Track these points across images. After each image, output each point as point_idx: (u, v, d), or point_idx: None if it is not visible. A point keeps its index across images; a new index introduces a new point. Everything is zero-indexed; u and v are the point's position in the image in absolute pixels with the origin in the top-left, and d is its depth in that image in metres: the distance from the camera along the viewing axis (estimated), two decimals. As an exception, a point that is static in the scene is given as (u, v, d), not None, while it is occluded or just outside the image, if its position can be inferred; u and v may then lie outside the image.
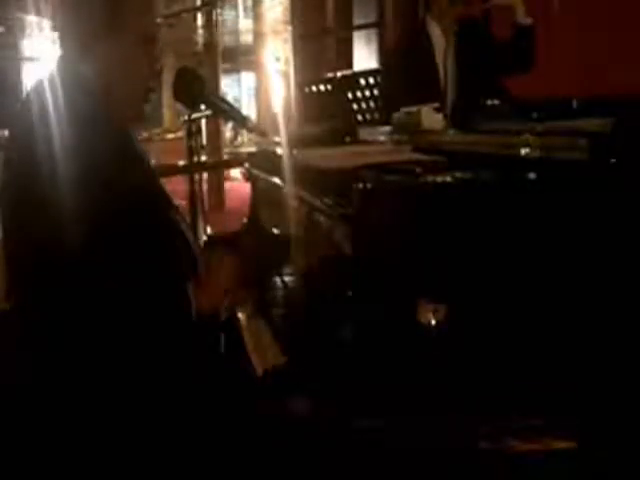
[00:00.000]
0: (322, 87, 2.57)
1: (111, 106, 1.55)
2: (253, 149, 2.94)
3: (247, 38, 14.91)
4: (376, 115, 2.40)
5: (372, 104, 2.42)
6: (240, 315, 1.71)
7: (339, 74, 2.62)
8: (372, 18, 6.35)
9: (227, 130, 14.28)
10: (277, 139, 2.38)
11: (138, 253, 1.45)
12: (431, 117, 2.09)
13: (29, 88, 1.55)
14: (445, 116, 2.13)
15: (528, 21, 3.08)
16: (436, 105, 2.15)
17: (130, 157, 1.57)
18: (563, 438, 1.16)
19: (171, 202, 1.70)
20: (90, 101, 1.51)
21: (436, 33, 3.24)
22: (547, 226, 1.31)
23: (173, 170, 5.18)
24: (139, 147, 1.65)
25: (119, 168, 1.46)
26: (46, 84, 1.52)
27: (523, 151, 1.49)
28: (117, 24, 1.53)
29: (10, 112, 1.56)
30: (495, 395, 1.22)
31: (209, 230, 2.33)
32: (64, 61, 1.56)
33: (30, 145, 1.43)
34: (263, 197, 2.50)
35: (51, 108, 1.45)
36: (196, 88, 1.86)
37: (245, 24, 14.85)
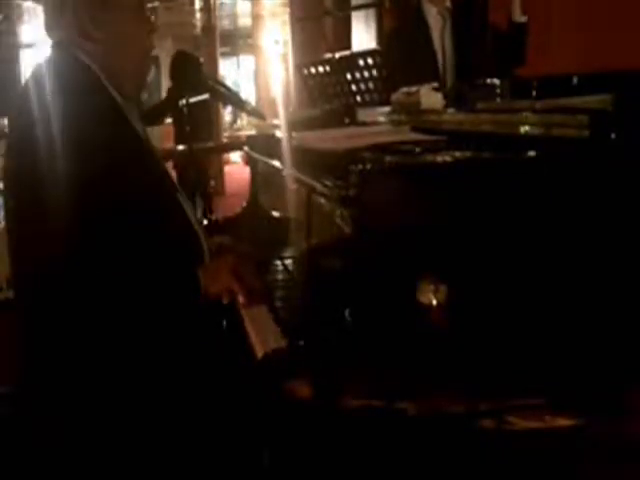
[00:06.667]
0: (321, 69, 2.56)
1: (112, 83, 1.55)
2: (252, 132, 2.93)
3: (245, 21, 14.83)
4: (375, 96, 2.39)
5: (371, 85, 2.40)
6: (240, 299, 1.71)
7: (337, 55, 2.61)
8: (370, -2, 6.31)
9: (226, 114, 14.23)
10: (276, 122, 2.37)
11: (143, 235, 1.45)
12: (430, 97, 2.07)
13: (27, 77, 1.55)
14: (444, 96, 2.12)
15: (523, 19, 3.07)
16: (435, 85, 2.13)
17: (134, 139, 1.56)
18: (564, 416, 1.16)
19: (175, 185, 1.70)
20: (88, 86, 1.51)
21: (432, 13, 3.23)
22: (548, 204, 1.31)
23: (172, 154, 5.17)
24: (142, 129, 1.65)
25: (123, 150, 1.46)
26: (41, 71, 1.51)
27: (523, 129, 1.48)
28: (111, 3, 1.53)
29: (9, 100, 1.56)
30: (496, 374, 1.22)
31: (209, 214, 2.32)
32: (58, 47, 1.56)
33: (30, 133, 1.43)
34: (263, 180, 2.49)
35: (48, 95, 1.45)
36: (194, 72, 1.86)
37: (243, 7, 14.74)
